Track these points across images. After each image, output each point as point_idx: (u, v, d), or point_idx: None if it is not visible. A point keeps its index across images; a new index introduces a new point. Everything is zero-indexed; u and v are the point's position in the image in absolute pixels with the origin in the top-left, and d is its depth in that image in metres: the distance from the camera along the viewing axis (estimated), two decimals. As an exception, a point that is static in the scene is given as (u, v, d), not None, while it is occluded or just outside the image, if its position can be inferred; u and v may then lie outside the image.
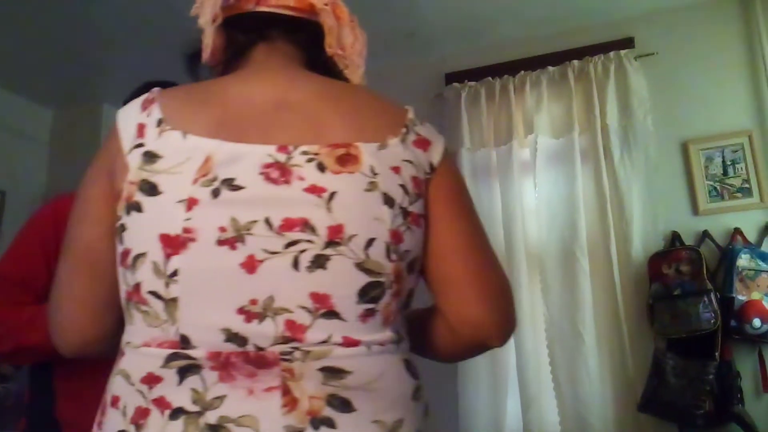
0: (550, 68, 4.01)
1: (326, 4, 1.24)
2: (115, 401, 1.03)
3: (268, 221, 1.01)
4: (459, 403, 3.75)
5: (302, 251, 1.01)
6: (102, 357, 1.19)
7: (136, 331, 1.04)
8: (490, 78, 4.14)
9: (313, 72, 1.26)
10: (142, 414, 0.98)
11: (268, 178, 1.03)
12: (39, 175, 4.89)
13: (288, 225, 1.01)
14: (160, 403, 0.98)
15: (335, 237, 1.02)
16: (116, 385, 1.04)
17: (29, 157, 4.86)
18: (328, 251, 1.01)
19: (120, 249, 1.07)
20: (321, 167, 1.05)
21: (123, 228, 1.05)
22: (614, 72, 3.86)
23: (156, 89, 1.15)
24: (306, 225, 1.01)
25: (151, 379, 0.99)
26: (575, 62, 3.95)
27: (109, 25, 3.85)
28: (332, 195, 1.03)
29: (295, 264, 1.00)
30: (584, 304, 3.62)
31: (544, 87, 3.98)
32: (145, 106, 1.12)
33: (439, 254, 1.16)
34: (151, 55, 3.82)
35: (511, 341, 3.68)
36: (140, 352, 1.02)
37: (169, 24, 1.23)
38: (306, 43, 1.28)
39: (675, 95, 3.83)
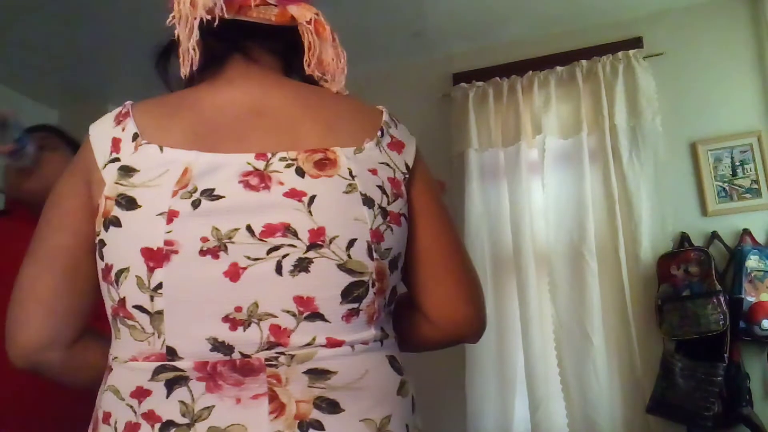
0: (559, 68, 3.99)
1: (308, 22, 1.23)
2: (106, 417, 1.03)
3: (249, 228, 1.02)
4: (467, 404, 3.74)
5: (285, 256, 1.02)
6: (54, 376, 1.18)
7: (123, 346, 1.05)
8: (497, 78, 4.12)
9: (290, 78, 1.27)
10: (132, 429, 0.99)
11: (248, 186, 1.04)
12: (45, 175, 4.89)
13: (269, 231, 1.02)
14: (150, 416, 0.98)
15: (317, 240, 1.03)
16: (106, 401, 1.05)
17: (35, 157, 4.86)
18: (311, 254, 1.02)
19: (101, 265, 1.07)
20: (300, 172, 1.06)
21: (102, 243, 1.06)
22: (623, 72, 3.85)
23: (129, 102, 1.16)
24: (287, 229, 1.02)
25: (140, 393, 1.00)
26: (583, 62, 3.94)
27: (115, 24, 3.85)
28: (312, 198, 1.04)
29: (278, 269, 1.01)
30: (592, 306, 3.61)
31: (552, 87, 3.97)
32: (118, 120, 1.12)
33: (423, 258, 1.20)
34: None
35: (519, 342, 3.70)
36: (128, 366, 1.03)
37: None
38: (283, 50, 1.28)
39: (684, 95, 3.82)
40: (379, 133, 1.18)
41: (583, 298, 3.63)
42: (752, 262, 3.33)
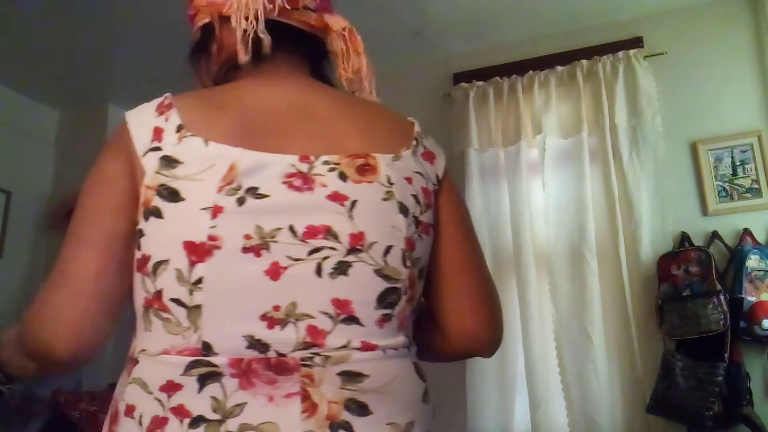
0: (559, 68, 4.00)
1: (344, 29, 1.27)
2: (129, 410, 1.01)
3: (292, 228, 1.03)
4: (467, 404, 3.74)
5: (325, 258, 1.03)
6: (72, 371, 1.16)
7: (155, 338, 1.03)
8: (498, 78, 4.13)
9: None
10: (159, 423, 0.97)
11: (292, 186, 1.05)
12: (45, 175, 4.90)
13: (311, 232, 1.03)
14: (180, 411, 0.97)
15: (357, 244, 1.05)
16: (131, 394, 1.02)
17: (35, 157, 4.86)
18: (350, 258, 1.04)
19: (137, 255, 1.05)
20: (342, 176, 1.08)
21: (141, 233, 1.05)
22: (623, 72, 3.85)
23: (168, 94, 1.14)
24: (329, 232, 1.04)
25: (171, 387, 0.98)
26: (584, 62, 3.94)
27: (115, 25, 3.86)
28: (353, 203, 1.06)
29: (318, 271, 1.03)
30: (593, 305, 3.61)
31: (552, 87, 3.98)
32: (161, 111, 1.10)
33: (444, 269, 1.22)
34: (156, 56, 3.82)
35: (520, 342, 3.69)
36: (159, 359, 1.01)
37: (175, 25, 1.23)
38: (311, 56, 1.30)
39: (684, 95, 3.83)
40: (414, 143, 1.21)
41: (584, 298, 3.63)
42: (752, 261, 3.33)
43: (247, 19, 1.19)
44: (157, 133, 1.07)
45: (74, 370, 1.19)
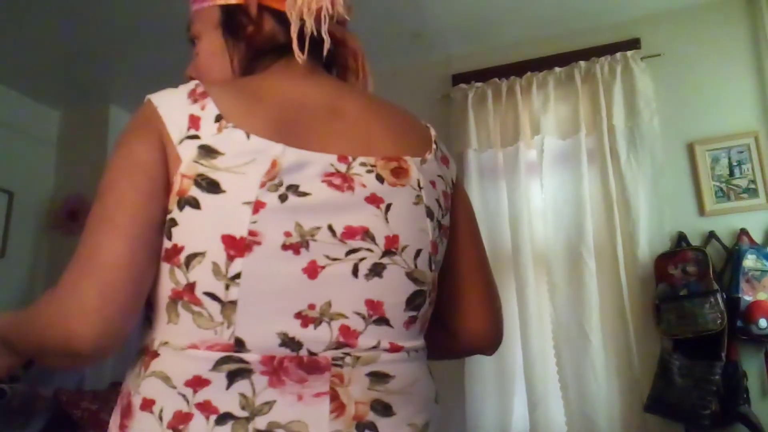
0: (557, 69, 4.01)
1: (357, 48, 1.31)
2: (147, 404, 0.97)
3: (331, 228, 1.03)
4: (466, 403, 3.76)
5: (362, 259, 1.05)
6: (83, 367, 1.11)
7: (181, 331, 1.00)
8: (496, 79, 4.14)
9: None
10: (182, 419, 0.95)
11: (332, 185, 1.05)
12: (47, 176, 4.91)
13: (350, 233, 1.04)
14: (206, 407, 0.95)
15: (391, 247, 1.07)
16: (149, 388, 0.99)
17: (37, 158, 4.87)
18: (385, 260, 1.06)
19: (167, 244, 1.01)
20: (380, 178, 1.09)
21: (173, 223, 1.01)
22: (621, 73, 3.87)
23: (199, 82, 1.10)
24: (366, 234, 1.05)
25: (198, 383, 0.96)
26: (582, 63, 3.96)
27: (117, 26, 3.87)
28: (389, 206, 1.08)
29: (355, 271, 1.04)
30: (591, 305, 3.62)
31: (550, 88, 3.99)
32: (195, 98, 1.06)
33: (458, 270, 1.25)
34: (158, 57, 3.83)
35: (518, 341, 3.71)
36: (186, 354, 0.98)
37: (176, 26, 1.25)
38: (323, 63, 1.31)
39: (681, 96, 3.84)
40: (434, 146, 1.23)
41: (582, 298, 3.65)
42: (749, 261, 3.35)
43: (313, 17, 1.16)
44: (194, 120, 1.03)
45: (88, 366, 1.14)
